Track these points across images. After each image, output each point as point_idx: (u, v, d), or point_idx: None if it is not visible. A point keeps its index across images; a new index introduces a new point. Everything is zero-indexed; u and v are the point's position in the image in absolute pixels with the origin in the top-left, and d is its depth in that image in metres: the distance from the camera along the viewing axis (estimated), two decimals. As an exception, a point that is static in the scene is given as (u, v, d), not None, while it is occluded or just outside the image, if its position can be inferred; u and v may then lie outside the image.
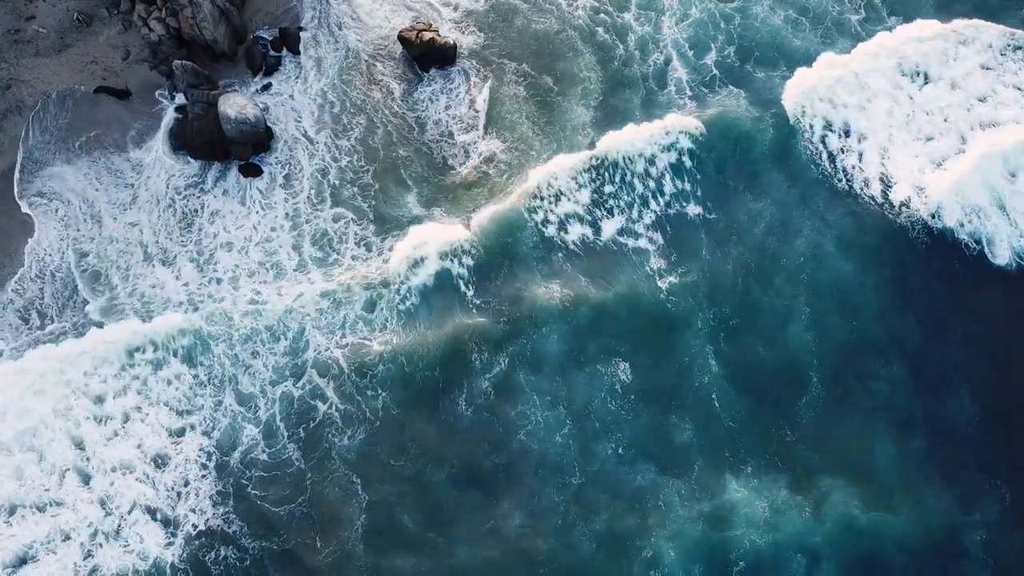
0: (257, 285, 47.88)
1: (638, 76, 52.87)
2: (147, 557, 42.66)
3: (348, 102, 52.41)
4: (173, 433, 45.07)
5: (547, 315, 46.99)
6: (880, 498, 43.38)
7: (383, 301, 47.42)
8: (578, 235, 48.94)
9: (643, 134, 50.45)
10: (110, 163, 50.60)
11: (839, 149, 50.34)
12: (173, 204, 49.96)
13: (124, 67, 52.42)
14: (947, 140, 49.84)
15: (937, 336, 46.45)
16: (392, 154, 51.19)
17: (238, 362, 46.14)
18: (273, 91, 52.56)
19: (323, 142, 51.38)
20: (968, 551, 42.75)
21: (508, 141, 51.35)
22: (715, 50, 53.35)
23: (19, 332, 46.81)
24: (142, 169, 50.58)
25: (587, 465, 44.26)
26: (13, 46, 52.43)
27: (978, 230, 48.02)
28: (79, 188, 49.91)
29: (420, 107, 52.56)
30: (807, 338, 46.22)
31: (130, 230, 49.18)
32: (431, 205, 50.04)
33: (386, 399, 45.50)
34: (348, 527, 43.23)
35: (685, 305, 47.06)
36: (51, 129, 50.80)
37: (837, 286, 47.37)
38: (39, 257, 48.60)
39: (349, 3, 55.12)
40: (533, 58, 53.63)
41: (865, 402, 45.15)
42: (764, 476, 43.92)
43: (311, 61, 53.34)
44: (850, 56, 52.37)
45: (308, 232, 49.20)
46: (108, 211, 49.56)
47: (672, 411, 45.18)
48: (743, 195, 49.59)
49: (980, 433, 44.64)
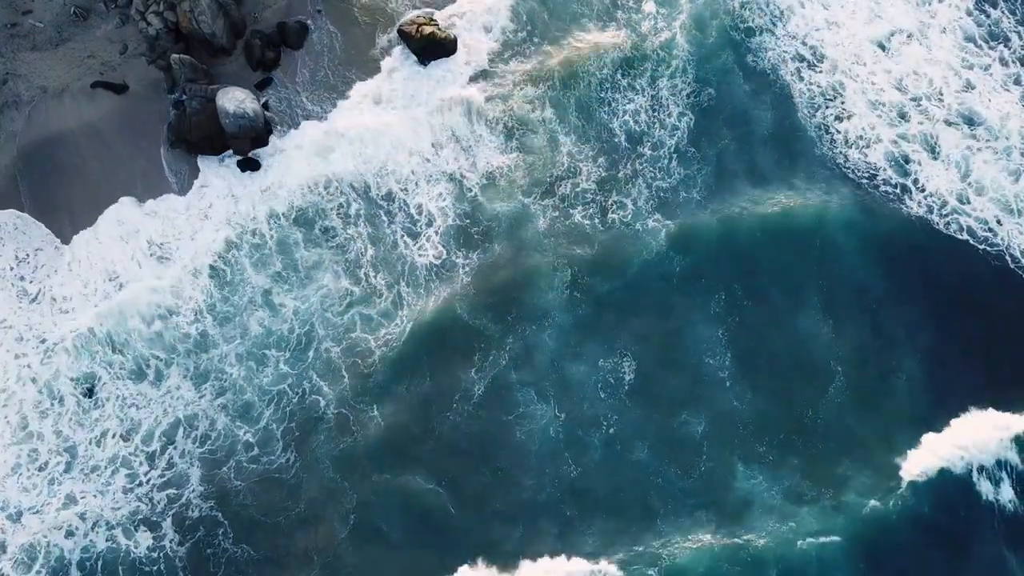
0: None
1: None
2: (135, 559, 42.40)
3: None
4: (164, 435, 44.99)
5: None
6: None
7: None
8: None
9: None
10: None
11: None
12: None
13: (121, 62, 51.90)
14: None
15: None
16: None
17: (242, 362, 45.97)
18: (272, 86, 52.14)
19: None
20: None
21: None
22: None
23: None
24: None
25: (582, 456, 43.82)
26: (9, 40, 51.93)
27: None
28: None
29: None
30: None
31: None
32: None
33: (381, 401, 45.11)
34: (338, 530, 42.96)
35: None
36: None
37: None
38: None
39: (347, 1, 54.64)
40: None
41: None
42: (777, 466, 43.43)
43: (310, 57, 52.85)
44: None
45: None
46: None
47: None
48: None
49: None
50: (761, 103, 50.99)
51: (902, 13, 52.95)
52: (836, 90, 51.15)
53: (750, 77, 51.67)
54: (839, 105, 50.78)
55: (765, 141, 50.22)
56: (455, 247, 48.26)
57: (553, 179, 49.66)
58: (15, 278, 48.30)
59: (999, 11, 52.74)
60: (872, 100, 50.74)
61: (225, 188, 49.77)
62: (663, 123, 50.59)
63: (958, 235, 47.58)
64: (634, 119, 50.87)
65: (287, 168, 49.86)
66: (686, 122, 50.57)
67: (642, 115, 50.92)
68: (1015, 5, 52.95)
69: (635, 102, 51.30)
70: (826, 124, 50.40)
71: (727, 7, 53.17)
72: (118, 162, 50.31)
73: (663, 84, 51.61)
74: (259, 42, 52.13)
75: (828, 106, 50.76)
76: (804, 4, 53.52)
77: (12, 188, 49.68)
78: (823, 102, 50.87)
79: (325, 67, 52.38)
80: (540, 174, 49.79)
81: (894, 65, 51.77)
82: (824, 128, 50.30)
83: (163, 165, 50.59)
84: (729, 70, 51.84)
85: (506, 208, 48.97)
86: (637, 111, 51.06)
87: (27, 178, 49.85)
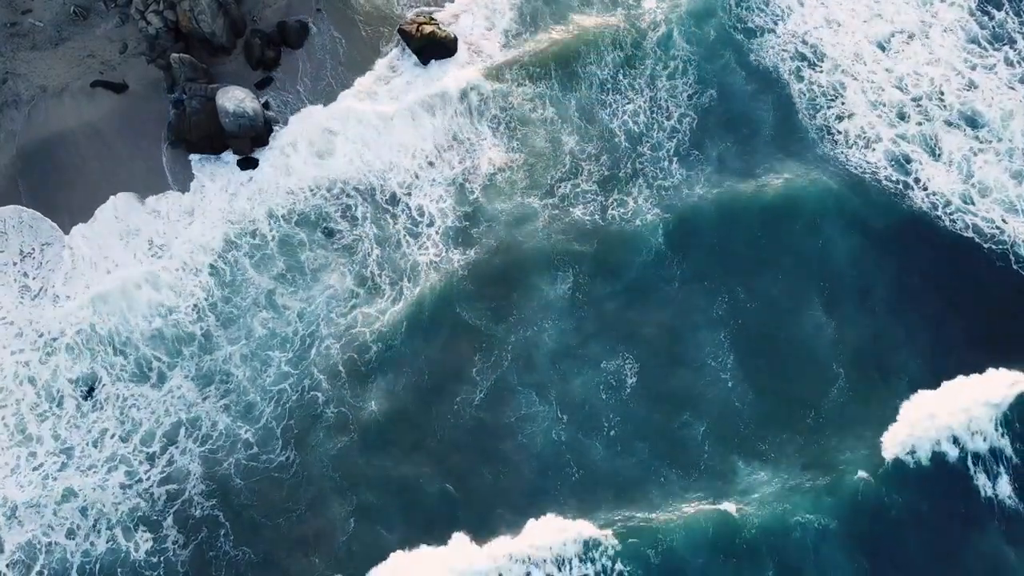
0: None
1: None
2: (133, 559, 42.44)
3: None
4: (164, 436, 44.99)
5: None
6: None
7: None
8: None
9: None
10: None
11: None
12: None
13: (121, 61, 51.82)
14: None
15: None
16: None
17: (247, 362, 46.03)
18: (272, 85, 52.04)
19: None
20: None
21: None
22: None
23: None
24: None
25: (583, 457, 43.80)
26: (9, 40, 51.87)
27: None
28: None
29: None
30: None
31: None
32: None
33: (381, 401, 45.07)
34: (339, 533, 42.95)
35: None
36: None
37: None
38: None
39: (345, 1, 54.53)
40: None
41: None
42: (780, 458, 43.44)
43: (310, 56, 52.72)
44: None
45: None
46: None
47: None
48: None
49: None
50: (761, 102, 50.86)
51: (903, 13, 52.78)
52: (836, 89, 50.99)
53: (749, 73, 51.60)
54: (840, 105, 50.61)
55: (765, 140, 50.08)
56: (456, 247, 48.18)
57: (554, 179, 49.55)
58: (18, 273, 48.30)
59: (1003, 12, 52.50)
60: (872, 100, 50.58)
61: (225, 187, 49.69)
62: (661, 125, 50.55)
63: (963, 233, 47.34)
64: (633, 120, 50.79)
65: (287, 168, 49.77)
66: (687, 123, 50.50)
67: (641, 116, 50.83)
68: (1020, 6, 52.62)
69: (635, 102, 51.21)
70: (827, 125, 50.22)
71: (724, 4, 53.09)
72: (118, 161, 50.27)
73: (662, 84, 51.52)
74: (259, 41, 52.03)
75: (829, 106, 50.60)
76: (803, 3, 53.38)
77: (12, 187, 49.65)
78: (824, 102, 50.71)
79: (325, 67, 52.28)
80: (541, 174, 49.69)
81: (895, 64, 51.60)
82: (826, 128, 50.13)
83: (163, 164, 50.54)
84: (728, 67, 51.87)
85: (507, 207, 48.88)
86: (636, 112, 50.97)
87: (27, 177, 49.83)
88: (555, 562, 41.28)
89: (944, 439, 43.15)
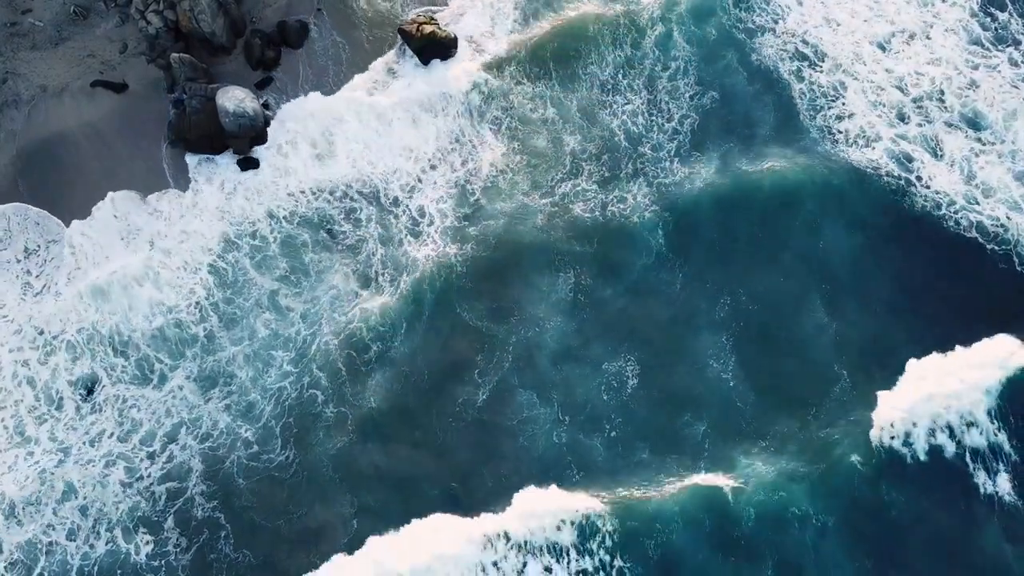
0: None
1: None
2: (134, 561, 42.41)
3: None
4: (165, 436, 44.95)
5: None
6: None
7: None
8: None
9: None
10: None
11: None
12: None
13: (121, 61, 51.74)
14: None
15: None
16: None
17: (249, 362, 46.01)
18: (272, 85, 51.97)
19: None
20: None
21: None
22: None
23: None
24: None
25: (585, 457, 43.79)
26: (9, 39, 51.80)
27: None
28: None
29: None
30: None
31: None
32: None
33: (381, 401, 45.03)
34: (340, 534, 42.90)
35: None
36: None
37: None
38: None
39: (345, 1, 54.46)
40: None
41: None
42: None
43: (310, 56, 52.67)
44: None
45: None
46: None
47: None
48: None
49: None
50: (762, 102, 50.81)
51: (904, 13, 52.72)
52: (837, 89, 50.93)
53: (750, 73, 51.55)
54: (840, 105, 50.55)
55: (766, 139, 50.05)
56: (457, 247, 48.10)
57: (555, 179, 49.49)
58: (21, 271, 48.25)
59: (1007, 13, 52.39)
60: (872, 100, 50.52)
61: (225, 187, 49.60)
62: (661, 127, 50.50)
63: (966, 232, 47.26)
64: (633, 120, 50.72)
65: (287, 169, 49.70)
66: (688, 123, 50.45)
67: (640, 118, 50.76)
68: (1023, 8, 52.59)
69: (634, 103, 51.14)
70: (828, 125, 50.15)
71: (724, 3, 53.06)
72: (118, 161, 50.22)
73: (662, 84, 51.47)
74: (259, 41, 51.96)
75: (830, 106, 50.54)
76: (802, 2, 53.33)
77: (12, 187, 49.60)
78: (825, 102, 50.64)
79: (326, 67, 52.21)
80: (542, 174, 49.63)
81: (895, 64, 51.53)
82: (826, 128, 50.06)
83: (163, 164, 50.46)
84: (728, 67, 51.84)
85: (508, 207, 48.82)
86: (635, 112, 50.90)
87: (27, 177, 49.77)
88: (552, 552, 41.17)
89: (939, 428, 43.39)
